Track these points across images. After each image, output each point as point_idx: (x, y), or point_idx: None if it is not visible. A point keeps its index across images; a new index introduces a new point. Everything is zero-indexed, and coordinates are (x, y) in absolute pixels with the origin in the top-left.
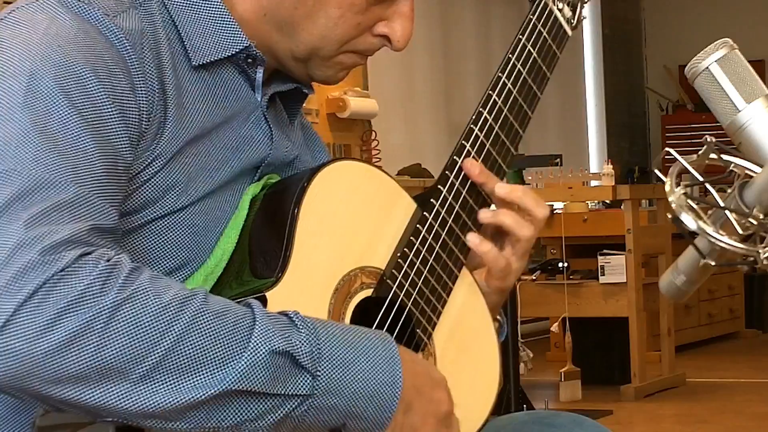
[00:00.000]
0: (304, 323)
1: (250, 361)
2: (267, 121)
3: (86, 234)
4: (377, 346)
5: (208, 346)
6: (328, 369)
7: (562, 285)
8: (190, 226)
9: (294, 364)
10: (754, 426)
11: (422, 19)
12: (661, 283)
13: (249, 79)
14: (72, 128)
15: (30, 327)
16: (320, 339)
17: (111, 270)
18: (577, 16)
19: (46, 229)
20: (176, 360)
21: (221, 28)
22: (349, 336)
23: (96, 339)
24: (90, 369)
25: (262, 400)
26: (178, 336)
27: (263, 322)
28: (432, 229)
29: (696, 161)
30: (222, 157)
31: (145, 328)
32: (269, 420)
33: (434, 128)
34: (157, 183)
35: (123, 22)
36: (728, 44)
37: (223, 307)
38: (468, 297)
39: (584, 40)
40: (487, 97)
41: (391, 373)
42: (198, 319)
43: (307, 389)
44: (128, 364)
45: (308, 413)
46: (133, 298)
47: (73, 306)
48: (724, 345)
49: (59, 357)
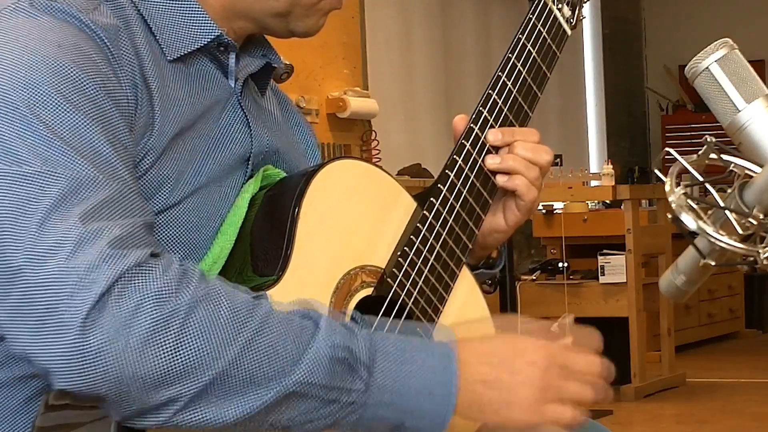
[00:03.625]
0: (359, 328)
1: (313, 358)
2: (242, 108)
3: (140, 230)
4: (432, 347)
5: (277, 347)
6: (383, 363)
7: (562, 285)
8: (184, 222)
9: (353, 359)
10: (754, 426)
11: (422, 19)
12: (661, 283)
13: (221, 66)
14: (84, 132)
15: (110, 323)
16: (375, 340)
17: (184, 272)
18: (576, 16)
19: (104, 224)
20: (247, 363)
21: (190, 19)
22: (402, 339)
23: (174, 335)
24: (168, 366)
25: (321, 395)
26: (251, 337)
27: (325, 323)
28: (433, 228)
29: (696, 161)
30: (207, 149)
31: (220, 328)
32: (326, 418)
33: (434, 128)
34: (150, 179)
35: (98, 18)
36: (728, 44)
37: (287, 315)
38: (468, 296)
39: (584, 40)
40: (487, 97)
41: (445, 372)
42: (268, 320)
43: (363, 385)
44: (202, 365)
45: (365, 410)
46: (208, 298)
47: (150, 302)
48: (724, 345)
49: (138, 353)
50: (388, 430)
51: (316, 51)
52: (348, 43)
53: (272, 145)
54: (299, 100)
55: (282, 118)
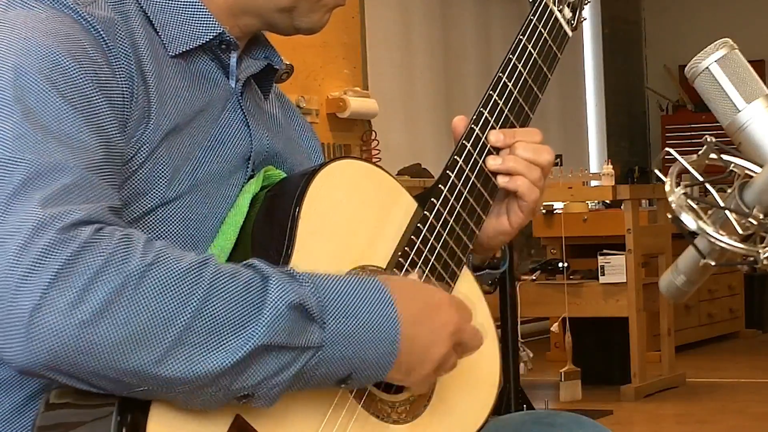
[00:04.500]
0: (304, 278)
1: (272, 316)
2: (242, 108)
3: (101, 213)
4: (371, 293)
5: (231, 305)
6: (333, 320)
7: (562, 285)
8: (181, 219)
9: (306, 317)
10: (754, 426)
11: (422, 19)
12: (661, 283)
13: (222, 65)
14: (65, 118)
15: (62, 302)
16: (321, 291)
17: (128, 239)
18: (577, 17)
19: (63, 209)
20: (204, 322)
21: (193, 15)
22: (345, 287)
23: (127, 304)
24: (126, 335)
25: (282, 354)
26: (203, 297)
27: (274, 278)
28: (433, 229)
29: (696, 161)
30: (204, 147)
31: (173, 291)
32: (287, 375)
33: (434, 128)
34: (144, 173)
35: (94, 10)
36: (728, 44)
37: (233, 268)
38: (469, 296)
39: (584, 40)
40: (487, 97)
41: (388, 319)
42: (217, 280)
43: (317, 341)
44: (160, 328)
45: (320, 365)
46: (157, 264)
47: (100, 276)
48: (724, 345)
49: (95, 326)
50: (335, 382)
51: (316, 51)
52: (348, 43)
53: (273, 147)
54: (299, 100)
55: (284, 121)
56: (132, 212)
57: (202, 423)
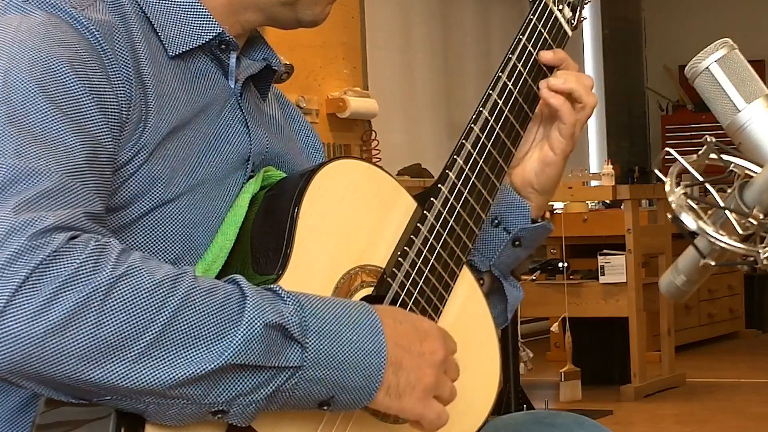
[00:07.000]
0: (288, 296)
1: (246, 335)
2: (241, 109)
3: (76, 220)
4: (359, 316)
5: (203, 320)
6: (315, 341)
7: (562, 285)
8: (180, 219)
9: (285, 337)
10: (754, 426)
11: (422, 19)
12: (661, 283)
13: (222, 66)
14: (51, 121)
15: (27, 309)
16: (306, 311)
17: (102, 250)
18: (577, 17)
19: (36, 215)
20: (173, 335)
21: (192, 16)
22: (332, 308)
23: (94, 316)
24: (90, 346)
25: (257, 373)
26: (174, 311)
27: (254, 296)
28: (433, 228)
29: (696, 161)
30: (203, 147)
31: (142, 304)
32: (262, 394)
33: (434, 128)
34: (142, 175)
35: (92, 14)
36: (728, 44)
37: (212, 284)
38: (469, 296)
39: (584, 40)
40: (487, 97)
41: (375, 342)
42: (191, 294)
43: (297, 361)
44: (127, 341)
45: (298, 386)
46: (127, 276)
47: (68, 285)
48: (724, 345)
49: (58, 336)
50: (316, 404)
51: (316, 51)
52: (348, 43)
53: (272, 148)
54: (299, 100)
55: (284, 123)
56: (131, 213)
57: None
